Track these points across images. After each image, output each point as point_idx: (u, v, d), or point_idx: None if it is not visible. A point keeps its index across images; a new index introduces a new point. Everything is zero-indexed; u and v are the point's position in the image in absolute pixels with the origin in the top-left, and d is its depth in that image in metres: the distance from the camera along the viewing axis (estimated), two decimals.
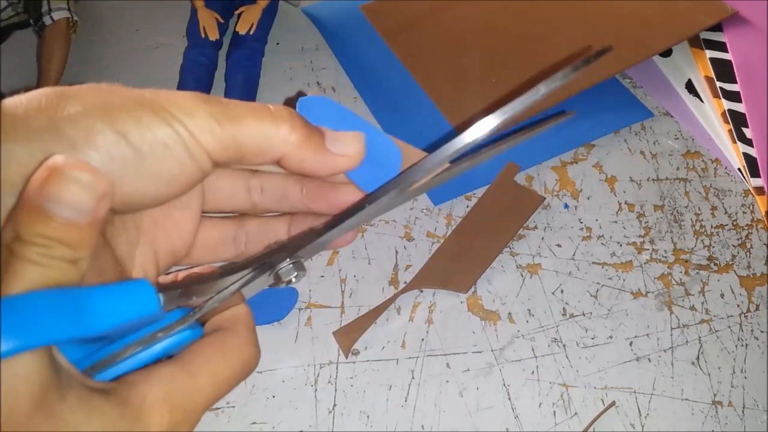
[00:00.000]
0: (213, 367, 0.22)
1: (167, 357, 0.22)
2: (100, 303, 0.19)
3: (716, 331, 0.41)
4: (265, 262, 0.25)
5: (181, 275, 0.26)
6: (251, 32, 0.54)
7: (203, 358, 0.22)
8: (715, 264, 0.44)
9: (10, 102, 0.21)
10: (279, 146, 0.24)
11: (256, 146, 0.23)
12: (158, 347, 0.21)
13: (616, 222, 0.46)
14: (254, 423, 0.38)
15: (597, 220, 0.46)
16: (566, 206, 0.46)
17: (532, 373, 0.39)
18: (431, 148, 0.25)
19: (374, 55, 0.55)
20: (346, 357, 0.40)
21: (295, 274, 0.26)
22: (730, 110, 0.50)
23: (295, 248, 0.26)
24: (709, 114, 0.51)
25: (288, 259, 0.26)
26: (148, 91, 0.22)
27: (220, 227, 0.31)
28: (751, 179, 0.47)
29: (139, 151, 0.21)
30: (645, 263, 0.44)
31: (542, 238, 0.45)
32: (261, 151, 0.24)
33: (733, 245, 0.45)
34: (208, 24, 0.55)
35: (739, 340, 0.41)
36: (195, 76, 0.54)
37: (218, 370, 0.22)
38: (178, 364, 0.21)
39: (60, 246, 0.18)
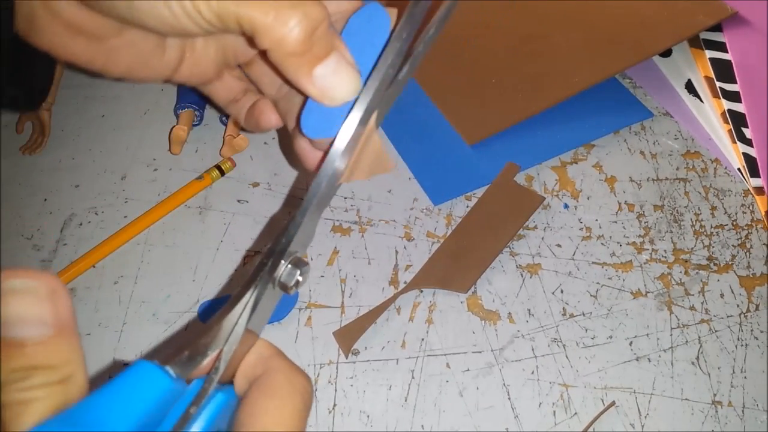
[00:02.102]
0: (281, 416, 0.20)
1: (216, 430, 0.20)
2: (110, 406, 0.17)
3: (716, 331, 0.41)
4: (260, 278, 0.23)
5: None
6: None
7: (267, 413, 0.20)
8: (715, 264, 0.44)
9: None
10: (265, 43, 0.24)
11: (249, 29, 0.24)
12: (200, 424, 0.19)
13: (615, 222, 0.46)
14: None
15: (597, 220, 0.46)
16: (566, 206, 0.46)
17: (532, 372, 0.39)
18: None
19: None
20: (346, 357, 0.40)
21: (299, 272, 0.24)
22: (729, 110, 0.50)
23: (283, 247, 0.23)
24: (708, 114, 0.51)
25: (283, 261, 0.23)
26: None
27: (236, 81, 0.33)
28: (751, 179, 0.47)
29: None
30: (645, 263, 0.44)
31: (542, 238, 0.45)
32: (254, 36, 0.24)
33: (732, 245, 0.45)
34: None
35: (738, 340, 0.41)
36: None
37: (287, 415, 0.20)
38: None
39: (39, 372, 0.15)
